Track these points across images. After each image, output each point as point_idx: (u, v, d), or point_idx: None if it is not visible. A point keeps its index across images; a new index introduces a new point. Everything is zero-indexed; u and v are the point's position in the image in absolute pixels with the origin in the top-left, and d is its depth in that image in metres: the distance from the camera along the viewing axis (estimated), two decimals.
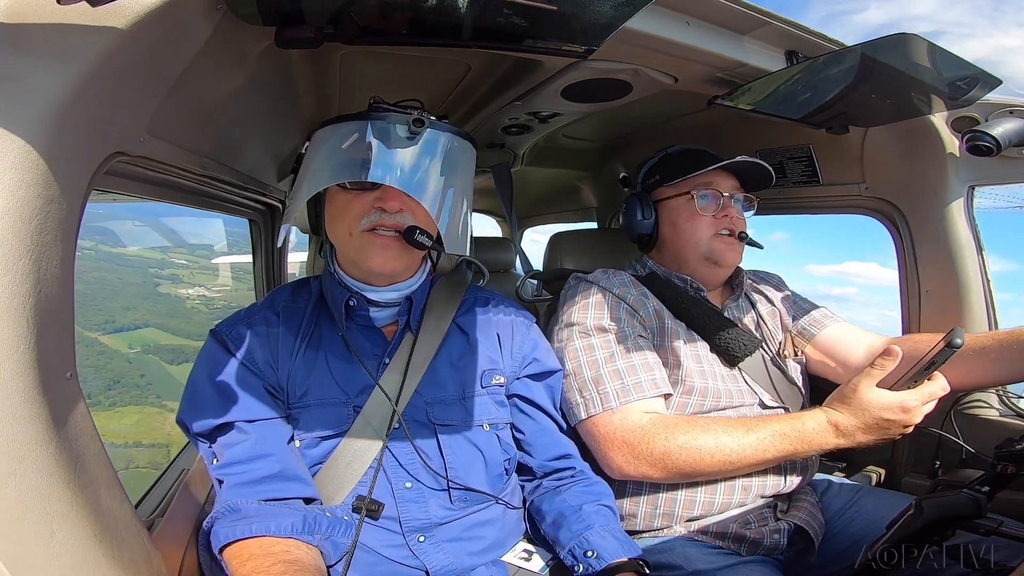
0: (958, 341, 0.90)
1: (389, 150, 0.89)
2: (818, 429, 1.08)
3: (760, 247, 1.49)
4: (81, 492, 0.61)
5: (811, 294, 1.56)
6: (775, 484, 1.20)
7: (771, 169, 1.34)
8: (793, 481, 1.22)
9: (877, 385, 1.05)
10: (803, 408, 1.31)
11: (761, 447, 1.08)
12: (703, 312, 1.31)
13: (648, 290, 1.34)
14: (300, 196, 0.92)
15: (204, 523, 0.88)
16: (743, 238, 1.35)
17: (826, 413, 1.09)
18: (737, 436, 1.09)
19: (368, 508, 0.92)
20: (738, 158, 1.32)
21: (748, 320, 1.41)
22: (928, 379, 1.02)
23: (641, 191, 1.47)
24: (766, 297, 1.48)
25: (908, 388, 1.02)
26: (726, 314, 1.37)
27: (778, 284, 1.55)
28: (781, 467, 1.20)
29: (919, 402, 1.02)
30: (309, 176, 0.94)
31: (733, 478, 1.16)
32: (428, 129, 0.90)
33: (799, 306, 1.48)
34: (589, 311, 1.28)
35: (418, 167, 0.90)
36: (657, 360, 1.24)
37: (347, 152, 0.91)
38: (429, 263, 1.16)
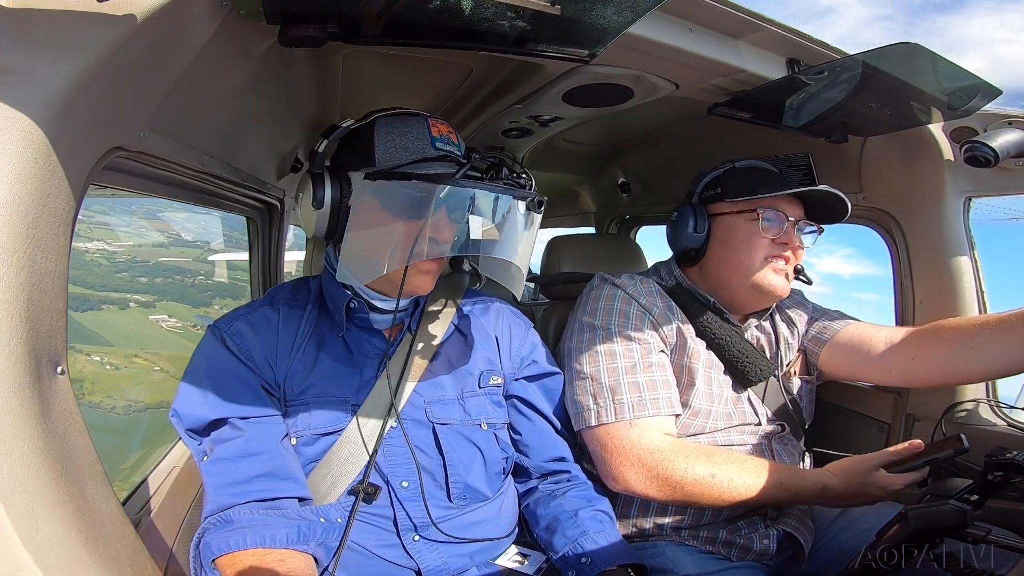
0: (965, 446, 0.97)
1: (480, 218, 0.95)
2: (812, 490, 1.09)
3: (809, 282, 1.38)
4: (67, 488, 0.61)
5: None
6: None
7: (848, 202, 1.23)
8: None
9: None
10: (799, 427, 1.34)
11: (764, 495, 1.08)
12: (725, 333, 1.27)
13: (673, 303, 1.29)
14: (367, 247, 0.95)
15: (196, 533, 0.87)
16: (799, 272, 1.25)
17: (824, 478, 1.09)
18: (747, 480, 1.08)
19: (365, 491, 0.91)
20: (822, 187, 1.22)
21: (766, 341, 1.36)
22: (919, 469, 1.05)
23: (698, 202, 1.35)
24: (789, 316, 1.41)
25: (900, 472, 1.05)
26: (747, 335, 1.33)
27: (801, 300, 1.47)
28: None
29: (901, 486, 1.05)
30: (380, 235, 0.95)
31: None
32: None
33: (813, 317, 1.42)
34: (614, 317, 1.23)
35: (510, 232, 1.01)
36: (673, 379, 1.22)
37: (429, 216, 0.91)
38: None
